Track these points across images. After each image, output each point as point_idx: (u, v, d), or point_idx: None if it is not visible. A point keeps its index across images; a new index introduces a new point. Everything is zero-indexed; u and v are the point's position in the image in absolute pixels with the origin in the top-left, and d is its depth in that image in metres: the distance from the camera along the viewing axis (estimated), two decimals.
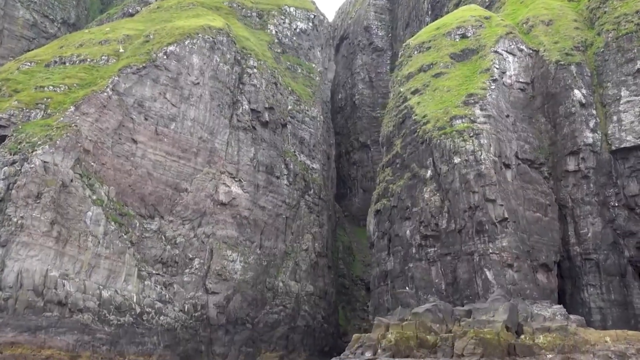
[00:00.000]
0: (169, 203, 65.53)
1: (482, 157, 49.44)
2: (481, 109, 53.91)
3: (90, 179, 56.52)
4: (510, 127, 56.46)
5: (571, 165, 56.29)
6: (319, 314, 75.60)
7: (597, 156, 55.92)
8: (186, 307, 60.93)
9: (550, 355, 30.88)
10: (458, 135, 51.52)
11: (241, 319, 66.53)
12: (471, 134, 51.04)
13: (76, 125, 55.94)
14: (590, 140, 55.85)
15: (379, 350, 34.25)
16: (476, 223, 47.73)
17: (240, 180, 72.94)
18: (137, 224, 60.61)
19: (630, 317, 52.58)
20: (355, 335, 40.30)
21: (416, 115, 58.83)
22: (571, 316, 38.30)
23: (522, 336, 33.05)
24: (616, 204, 55.33)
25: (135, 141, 63.84)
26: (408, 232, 53.66)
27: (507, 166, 52.74)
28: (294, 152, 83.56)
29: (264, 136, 77.96)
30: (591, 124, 56.52)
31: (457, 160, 50.45)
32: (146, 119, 65.12)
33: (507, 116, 56.91)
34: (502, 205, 47.66)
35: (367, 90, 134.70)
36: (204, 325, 62.45)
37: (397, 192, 57.17)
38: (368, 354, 34.28)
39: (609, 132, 56.26)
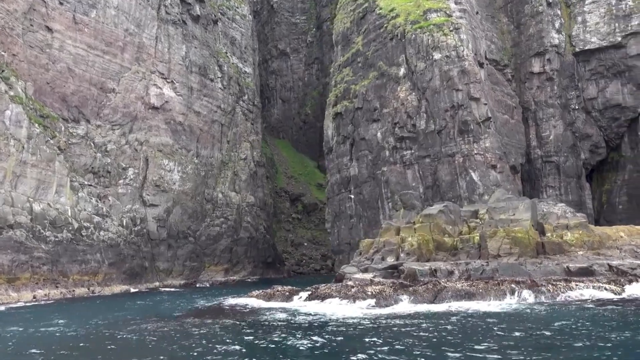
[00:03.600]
0: (94, 105, 56.75)
1: (464, 53, 46.34)
2: (456, 3, 50.30)
3: (3, 71, 46.58)
4: (479, 24, 53.66)
5: (536, 66, 55.13)
6: (261, 225, 71.87)
7: (561, 58, 55.11)
8: (124, 221, 54.35)
9: (581, 252, 29.83)
10: (437, 30, 47.77)
11: (183, 233, 61.14)
12: (451, 28, 47.49)
13: None
14: (556, 41, 54.70)
15: (402, 255, 31.33)
16: (460, 123, 45.23)
17: (172, 81, 64.94)
18: (62, 128, 51.92)
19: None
20: (367, 241, 37.08)
21: (381, 9, 54.06)
22: (577, 214, 37.77)
23: (548, 234, 31.70)
24: (576, 107, 55.49)
25: (50, 29, 53.54)
26: (379, 134, 50.26)
27: (481, 65, 50.26)
28: (226, 53, 76.04)
29: (195, 33, 69.53)
30: (557, 25, 55.19)
31: (437, 56, 46.95)
32: (61, 4, 54.55)
33: (477, 13, 53.92)
34: (486, 104, 45.40)
35: None
36: (145, 240, 56.45)
37: (362, 93, 53.09)
38: (390, 259, 31.29)
39: (573, 33, 55.33)
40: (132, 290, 49.53)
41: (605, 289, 23.80)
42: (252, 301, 29.69)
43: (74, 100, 54.77)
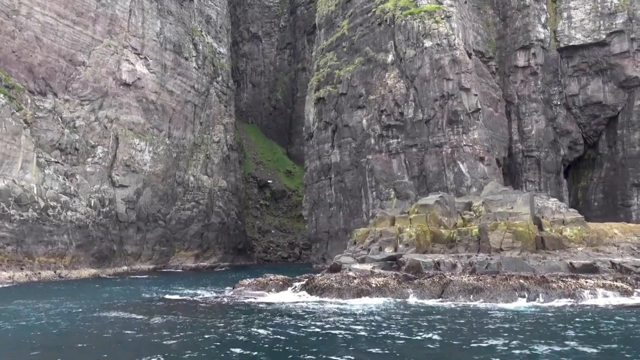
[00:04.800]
0: (63, 78, 53.58)
1: (455, 41, 45.43)
2: None
3: None
4: (467, 14, 52.89)
5: (521, 60, 54.81)
6: (233, 210, 69.87)
7: (546, 53, 54.97)
8: (92, 202, 51.59)
9: (580, 248, 29.44)
10: (428, 17, 46.68)
11: (152, 216, 58.67)
12: (442, 16, 46.48)
13: None
14: (541, 36, 54.48)
15: (400, 246, 30.21)
16: (450, 113, 44.37)
17: (145, 57, 61.97)
18: (29, 101, 48.69)
19: None
20: (362, 230, 35.77)
21: None
22: (570, 209, 37.51)
23: (547, 229, 31.18)
24: (558, 103, 55.56)
25: None
26: (364, 121, 48.99)
27: (469, 55, 49.51)
28: (201, 31, 73.29)
29: (171, 8, 66.57)
30: (542, 19, 54.98)
31: (427, 43, 45.88)
32: None
33: (465, 2, 53.12)
34: (476, 95, 44.69)
35: None
36: (113, 222, 53.81)
37: (347, 79, 51.67)
38: (389, 250, 30.11)
39: (558, 28, 55.19)
40: (102, 275, 47.02)
41: (617, 287, 23.26)
42: (246, 292, 27.94)
43: (41, 71, 51.54)
